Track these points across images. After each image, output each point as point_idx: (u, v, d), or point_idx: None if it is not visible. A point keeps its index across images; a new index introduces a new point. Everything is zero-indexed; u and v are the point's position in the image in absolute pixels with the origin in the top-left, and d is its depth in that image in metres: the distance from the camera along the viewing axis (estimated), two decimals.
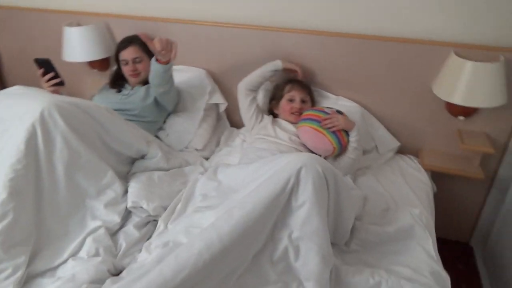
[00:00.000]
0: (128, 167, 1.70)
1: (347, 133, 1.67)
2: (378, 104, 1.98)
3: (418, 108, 1.92)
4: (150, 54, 2.09)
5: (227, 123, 2.24)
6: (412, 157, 1.99)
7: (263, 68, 1.90)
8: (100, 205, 1.45)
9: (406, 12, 1.77)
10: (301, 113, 1.82)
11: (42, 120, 1.37)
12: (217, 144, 2.12)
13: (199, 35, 2.11)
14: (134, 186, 1.55)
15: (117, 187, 1.52)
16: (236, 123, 2.25)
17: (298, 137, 1.74)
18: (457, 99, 1.64)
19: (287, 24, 1.96)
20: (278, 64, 1.88)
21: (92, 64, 2.32)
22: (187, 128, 2.02)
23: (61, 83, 1.84)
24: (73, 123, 1.43)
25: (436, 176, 1.92)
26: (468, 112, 1.77)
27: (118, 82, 2.12)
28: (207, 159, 1.99)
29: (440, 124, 1.91)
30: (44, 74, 1.80)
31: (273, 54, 1.98)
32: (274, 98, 1.95)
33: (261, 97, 2.07)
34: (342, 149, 1.68)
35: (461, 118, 1.80)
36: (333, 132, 1.63)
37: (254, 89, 1.92)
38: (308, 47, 1.95)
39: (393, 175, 1.84)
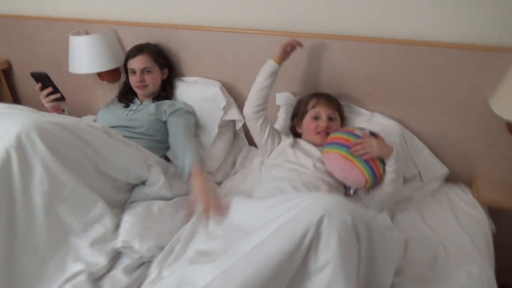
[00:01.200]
0: (126, 194, 1.48)
1: (383, 161, 1.37)
2: (421, 121, 1.66)
3: (471, 127, 1.59)
4: (161, 64, 1.90)
5: (245, 141, 1.99)
6: (463, 187, 1.65)
7: (259, 78, 1.59)
8: (85, 244, 1.23)
9: (454, 14, 1.46)
10: (328, 133, 1.54)
11: (19, 144, 1.17)
12: (233, 165, 1.87)
13: (213, 42, 1.87)
14: (127, 221, 1.32)
15: (108, 221, 1.30)
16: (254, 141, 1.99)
17: (324, 164, 1.46)
18: None
19: (313, 29, 1.69)
20: (270, 64, 1.56)
21: (101, 75, 2.14)
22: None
23: (61, 98, 1.66)
24: (57, 147, 1.22)
25: (494, 212, 1.58)
26: None
27: (127, 95, 1.93)
28: (220, 183, 1.74)
29: (499, 147, 1.57)
30: (42, 88, 1.63)
31: (297, 61, 1.71)
32: (297, 114, 1.68)
33: (283, 114, 1.81)
34: (376, 180, 1.38)
35: None
36: (365, 160, 1.33)
37: (262, 108, 1.59)
38: (337, 54, 1.66)
39: (441, 211, 1.51)
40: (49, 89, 1.62)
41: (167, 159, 1.80)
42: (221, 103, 1.82)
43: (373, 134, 1.41)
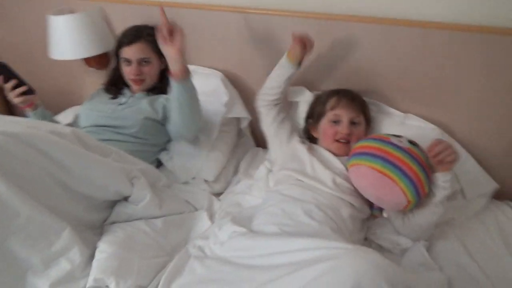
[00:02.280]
0: (104, 213, 1.22)
1: (427, 175, 1.08)
2: (466, 126, 1.36)
3: None
4: (160, 53, 1.58)
5: (251, 142, 1.71)
6: None
7: (274, 74, 1.37)
8: (45, 284, 0.99)
9: None
10: (349, 141, 1.26)
11: None
12: (235, 171, 1.60)
13: (216, 24, 1.57)
14: (103, 251, 1.07)
15: (76, 253, 1.05)
16: (263, 141, 1.71)
17: (348, 180, 1.18)
18: None
19: (338, 9, 1.37)
20: (285, 65, 1.33)
21: (88, 61, 1.87)
22: (196, 151, 1.51)
23: (29, 92, 1.40)
24: (7, 166, 0.97)
25: None
26: None
27: (116, 85, 1.65)
28: (220, 194, 1.47)
29: None
30: (5, 81, 1.37)
31: (315, 49, 1.41)
32: (313, 115, 1.38)
33: (296, 113, 1.51)
34: (419, 201, 1.10)
35: None
36: (407, 176, 1.04)
37: (276, 101, 1.38)
38: (365, 40, 1.36)
39: (489, 238, 1.22)
40: (14, 82, 1.36)
41: (160, 163, 1.55)
42: (223, 98, 1.53)
43: (413, 144, 1.11)
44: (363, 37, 1.35)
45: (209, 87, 1.57)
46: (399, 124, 1.37)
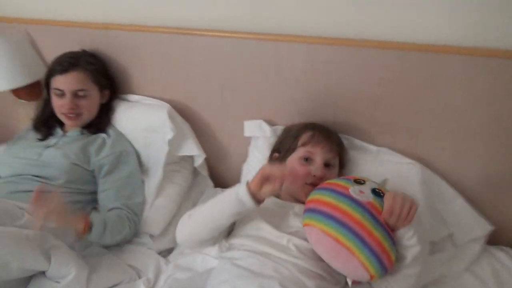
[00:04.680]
0: None
1: (392, 240, 0.85)
2: (453, 158, 1.17)
3: None
4: (101, 85, 1.35)
5: (209, 182, 1.47)
6: None
7: (212, 209, 0.98)
8: None
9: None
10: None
11: None
12: None
13: (160, 47, 1.35)
14: None
15: None
16: (223, 181, 1.48)
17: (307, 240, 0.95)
18: None
19: (295, 30, 1.16)
20: (242, 199, 0.91)
21: (17, 93, 1.60)
22: None
23: None
24: None
25: None
26: None
27: (47, 122, 1.39)
28: (166, 257, 1.22)
29: None
30: None
31: (273, 77, 1.20)
32: (279, 149, 1.16)
33: (255, 149, 1.29)
34: (386, 274, 0.88)
35: None
36: (368, 246, 0.82)
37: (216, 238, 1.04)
38: (331, 63, 1.15)
39: None
40: None
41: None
42: (167, 134, 1.30)
43: (377, 194, 0.89)
44: (328, 59, 1.15)
45: (154, 121, 1.34)
46: (372, 160, 1.17)
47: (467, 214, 1.16)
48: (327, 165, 1.07)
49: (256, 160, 1.28)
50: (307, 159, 1.07)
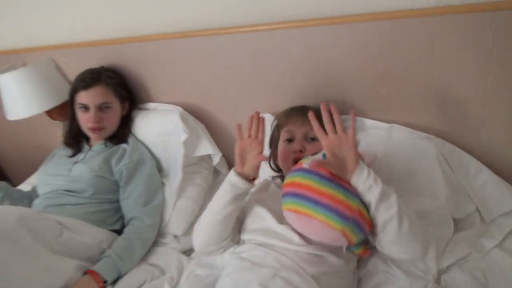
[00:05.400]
0: None
1: (347, 189, 0.83)
2: (474, 130, 1.08)
3: None
4: (122, 97, 1.42)
5: None
6: None
7: (213, 204, 0.99)
8: None
9: None
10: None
11: None
12: None
13: (168, 53, 1.39)
14: None
15: None
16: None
17: None
18: None
19: (288, 16, 1.15)
20: (233, 181, 0.95)
21: (51, 114, 1.73)
22: None
23: None
24: None
25: None
26: None
27: (76, 138, 1.49)
28: (193, 251, 1.25)
29: None
30: None
31: (276, 67, 1.19)
32: (271, 141, 1.17)
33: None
34: (350, 221, 0.81)
35: None
36: (321, 203, 0.80)
37: (227, 238, 1.01)
38: (331, 43, 1.12)
39: None
40: None
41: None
42: (182, 136, 1.33)
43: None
44: (329, 40, 1.12)
45: (168, 125, 1.38)
46: (385, 138, 1.12)
47: (496, 187, 1.07)
48: (312, 139, 1.05)
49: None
50: (290, 140, 1.07)
